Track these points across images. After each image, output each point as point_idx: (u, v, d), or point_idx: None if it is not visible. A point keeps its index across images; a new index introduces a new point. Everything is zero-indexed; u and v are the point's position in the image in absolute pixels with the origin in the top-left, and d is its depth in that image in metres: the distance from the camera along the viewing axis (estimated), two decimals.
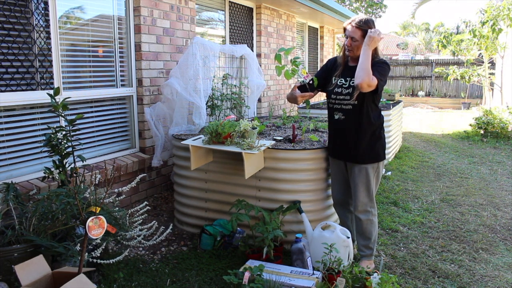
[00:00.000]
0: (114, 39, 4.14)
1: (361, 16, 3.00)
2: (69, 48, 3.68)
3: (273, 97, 7.78)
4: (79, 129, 3.36)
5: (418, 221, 4.09)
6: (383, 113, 3.15)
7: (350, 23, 2.94)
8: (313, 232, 3.09)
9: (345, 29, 2.99)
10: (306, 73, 3.04)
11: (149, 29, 4.39)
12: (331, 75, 3.12)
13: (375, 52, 2.90)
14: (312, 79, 3.13)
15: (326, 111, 3.29)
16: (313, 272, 2.75)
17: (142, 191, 4.44)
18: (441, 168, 6.33)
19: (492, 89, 12.60)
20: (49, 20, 3.42)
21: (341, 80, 3.04)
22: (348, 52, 2.99)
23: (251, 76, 4.95)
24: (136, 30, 4.29)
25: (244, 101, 5.07)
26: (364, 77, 2.76)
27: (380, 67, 2.87)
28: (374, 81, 2.78)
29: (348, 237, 3.01)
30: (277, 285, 2.52)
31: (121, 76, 4.25)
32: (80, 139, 3.55)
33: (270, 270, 2.75)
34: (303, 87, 3.15)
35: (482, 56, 12.43)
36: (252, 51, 5.81)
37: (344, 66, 3.07)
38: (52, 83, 3.47)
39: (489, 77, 12.41)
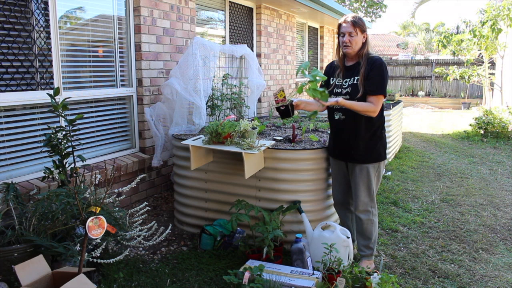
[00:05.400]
0: (114, 39, 4.14)
1: (353, 13, 3.05)
2: (69, 48, 3.68)
3: (273, 97, 7.77)
4: (79, 129, 3.36)
5: (418, 221, 4.09)
6: None
7: (344, 20, 2.95)
8: (313, 232, 3.09)
9: (339, 28, 2.99)
10: (283, 97, 3.00)
11: (149, 29, 4.39)
12: (330, 82, 3.12)
13: (364, 46, 2.95)
14: (285, 105, 3.01)
15: (326, 111, 3.28)
16: (313, 272, 2.75)
17: (142, 191, 4.44)
18: (441, 168, 6.33)
19: (492, 89, 12.60)
20: (49, 20, 3.42)
21: (340, 80, 3.05)
22: (346, 48, 2.95)
23: (251, 76, 4.95)
24: (136, 30, 4.29)
25: (244, 101, 5.07)
26: (370, 112, 2.89)
27: (378, 75, 2.89)
28: (378, 106, 2.90)
29: (348, 237, 3.01)
30: (277, 285, 2.52)
31: (121, 76, 4.25)
32: (80, 139, 3.55)
33: (270, 270, 2.75)
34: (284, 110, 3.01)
35: (482, 56, 12.41)
36: (252, 51, 5.81)
37: (342, 66, 3.07)
38: (52, 83, 3.47)
39: (489, 77, 12.40)
